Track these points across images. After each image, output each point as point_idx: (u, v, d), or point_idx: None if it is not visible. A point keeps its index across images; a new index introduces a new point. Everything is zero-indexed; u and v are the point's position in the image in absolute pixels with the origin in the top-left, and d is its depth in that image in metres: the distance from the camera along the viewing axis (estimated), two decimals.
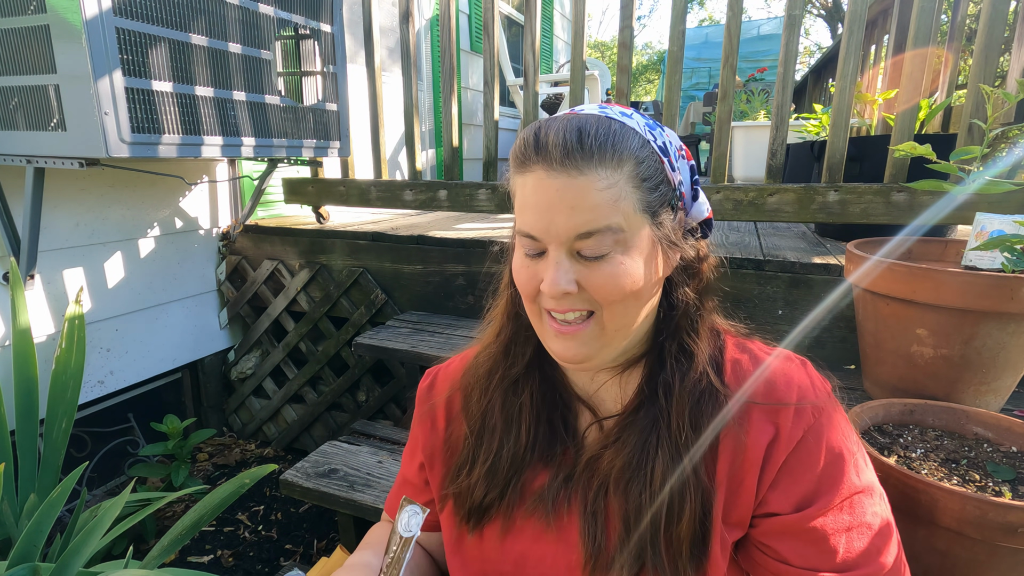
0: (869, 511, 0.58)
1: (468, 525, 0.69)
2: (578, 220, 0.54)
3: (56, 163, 1.48)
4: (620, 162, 0.54)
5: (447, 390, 0.77)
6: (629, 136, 0.55)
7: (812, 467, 0.58)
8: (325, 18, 1.98)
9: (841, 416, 0.62)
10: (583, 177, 0.53)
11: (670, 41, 1.81)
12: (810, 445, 0.58)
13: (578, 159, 0.53)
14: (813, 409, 0.60)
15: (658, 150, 0.57)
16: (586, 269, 0.56)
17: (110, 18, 1.35)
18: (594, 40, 23.41)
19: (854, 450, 0.60)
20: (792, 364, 0.64)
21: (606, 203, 0.54)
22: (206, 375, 2.39)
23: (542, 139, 0.55)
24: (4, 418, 1.45)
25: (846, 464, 0.59)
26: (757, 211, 1.76)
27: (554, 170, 0.54)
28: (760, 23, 8.53)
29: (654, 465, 0.59)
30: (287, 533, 1.90)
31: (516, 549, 0.66)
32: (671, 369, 0.61)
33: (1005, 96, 1.08)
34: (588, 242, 0.54)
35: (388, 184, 2.25)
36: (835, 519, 0.57)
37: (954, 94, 2.66)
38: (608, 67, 5.52)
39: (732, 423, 0.59)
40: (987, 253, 1.13)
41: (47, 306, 1.78)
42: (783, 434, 0.58)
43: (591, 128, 0.54)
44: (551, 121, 0.56)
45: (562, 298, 0.57)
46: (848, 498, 0.58)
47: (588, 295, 0.57)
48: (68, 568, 1.11)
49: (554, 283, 0.55)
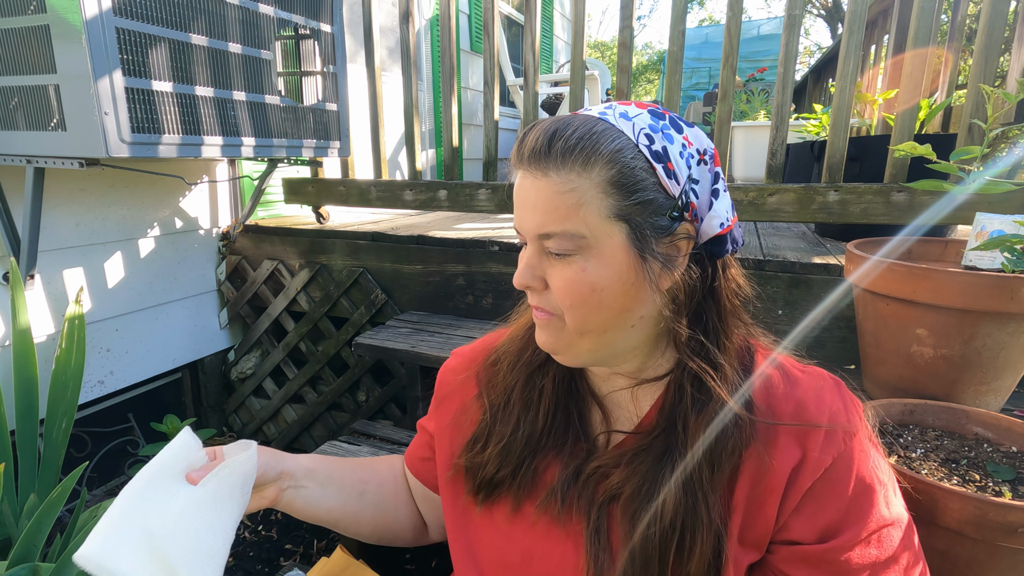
0: (898, 545, 0.56)
1: (478, 498, 0.69)
2: (538, 220, 0.56)
3: (56, 163, 1.48)
4: (587, 167, 0.53)
5: (469, 368, 0.79)
6: (608, 140, 0.53)
7: (840, 496, 0.55)
8: (325, 18, 1.98)
9: (873, 442, 0.60)
10: (546, 179, 0.55)
11: (670, 41, 1.81)
12: (840, 472, 0.56)
13: (544, 161, 0.55)
14: (844, 434, 0.57)
15: (650, 156, 0.54)
16: (552, 268, 0.58)
17: (110, 18, 1.35)
18: (594, 40, 23.41)
19: (884, 480, 0.58)
20: (825, 384, 0.61)
21: (565, 207, 0.54)
22: (206, 375, 2.39)
23: (523, 140, 0.57)
24: (4, 418, 1.45)
25: (875, 495, 0.56)
26: (757, 211, 1.76)
27: (526, 170, 0.57)
28: (760, 23, 8.52)
29: (665, 499, 0.56)
30: (287, 533, 1.90)
31: (525, 542, 0.65)
32: (689, 400, 0.59)
33: (1005, 96, 1.08)
34: (549, 243, 0.56)
35: (388, 184, 2.25)
36: (861, 553, 0.55)
37: (954, 94, 2.66)
38: (608, 67, 5.51)
39: (756, 444, 0.57)
40: (987, 253, 1.13)
41: (47, 306, 1.78)
42: (810, 459, 0.56)
43: (567, 131, 0.54)
44: (539, 122, 0.57)
45: (527, 292, 0.61)
46: (876, 531, 0.55)
47: (550, 295, 0.59)
48: (68, 568, 1.11)
49: (519, 274, 0.60)
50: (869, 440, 0.59)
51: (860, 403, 0.62)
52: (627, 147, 0.54)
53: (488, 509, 0.68)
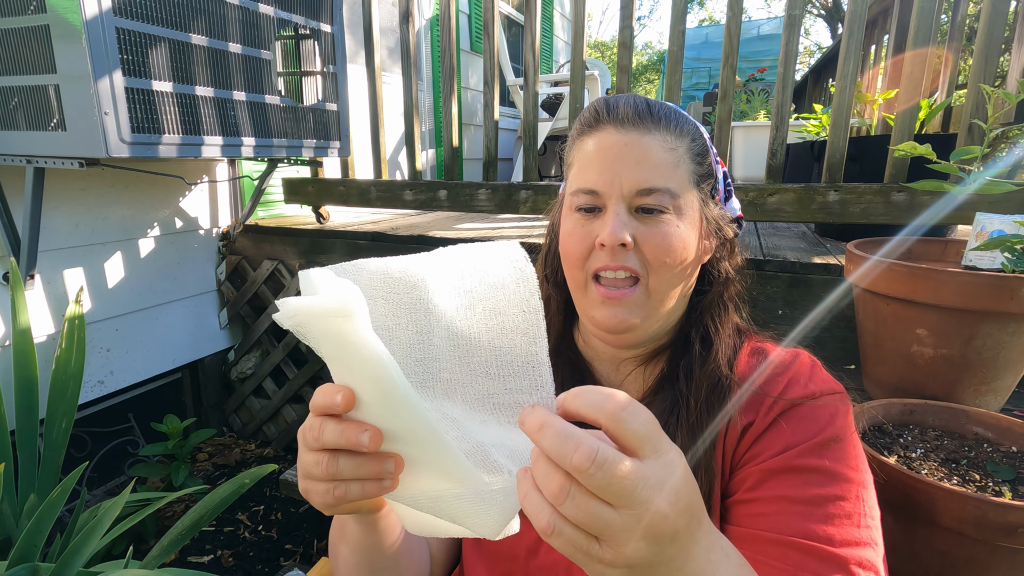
0: (852, 468, 0.55)
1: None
2: (642, 175, 0.58)
3: (56, 163, 1.48)
4: (681, 133, 0.60)
5: None
6: (687, 117, 0.63)
7: (799, 425, 0.57)
8: (325, 18, 1.98)
9: (842, 413, 0.59)
10: (649, 136, 0.59)
11: (670, 41, 1.81)
12: (801, 411, 0.58)
13: (647, 120, 0.59)
14: (806, 393, 0.59)
15: (708, 140, 0.64)
16: (643, 227, 0.59)
17: (110, 18, 1.35)
18: (594, 40, 23.40)
19: (850, 438, 0.58)
20: (797, 359, 0.63)
21: (667, 164, 0.59)
22: (206, 375, 2.39)
23: (612, 104, 0.61)
24: (4, 418, 1.45)
25: (840, 435, 0.57)
26: (757, 211, 1.76)
27: (624, 128, 0.59)
28: (760, 23, 8.52)
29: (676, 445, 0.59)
30: (287, 533, 1.90)
31: (532, 535, 0.65)
32: (694, 355, 0.63)
33: (1005, 96, 1.08)
34: (648, 199, 0.58)
35: (388, 184, 2.25)
36: (815, 461, 0.55)
37: (954, 94, 2.66)
38: (608, 67, 5.51)
39: (731, 408, 0.60)
40: (987, 253, 1.13)
41: (47, 306, 1.78)
42: (763, 412, 0.59)
43: (655, 101, 0.62)
44: (618, 95, 0.63)
45: (617, 251, 0.58)
46: (830, 443, 0.56)
47: (640, 254, 0.59)
48: (68, 568, 1.11)
49: (613, 232, 0.57)
50: (840, 407, 0.60)
51: (837, 382, 0.63)
52: (698, 128, 0.63)
53: None
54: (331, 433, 0.40)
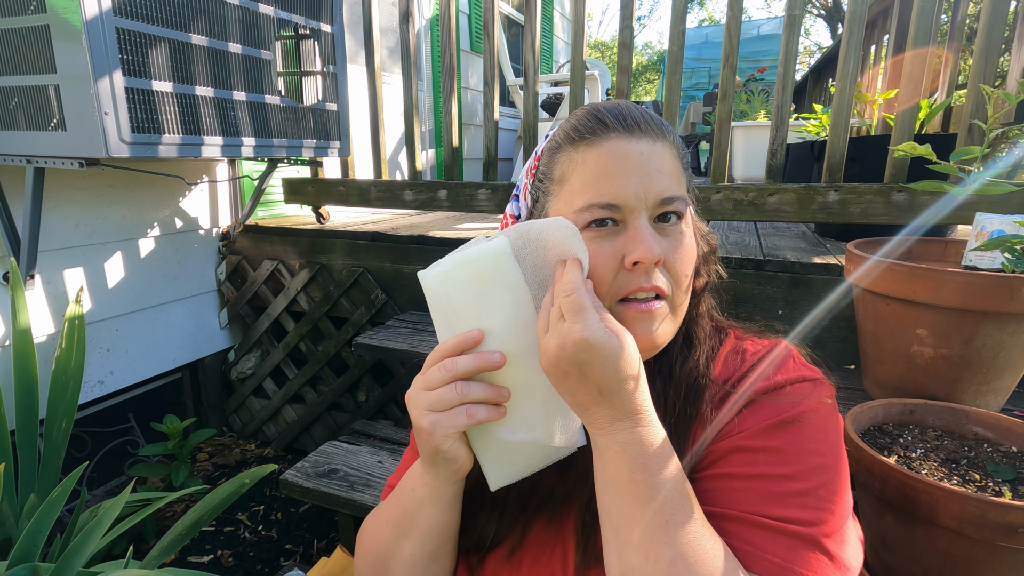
0: (809, 450, 0.54)
1: (473, 560, 0.66)
2: (663, 184, 0.55)
3: (56, 163, 1.48)
4: (674, 138, 0.59)
5: None
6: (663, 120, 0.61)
7: (760, 413, 0.56)
8: (325, 18, 1.98)
9: (814, 398, 0.57)
10: (662, 142, 0.57)
11: (670, 41, 1.82)
12: (764, 402, 0.57)
13: (654, 127, 0.57)
14: (771, 385, 0.58)
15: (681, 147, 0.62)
16: (664, 239, 0.55)
17: (110, 18, 1.35)
18: (594, 40, 23.41)
19: (815, 419, 0.56)
20: (771, 352, 0.62)
21: (678, 171, 0.57)
22: (206, 375, 2.39)
23: (612, 111, 0.57)
24: (4, 418, 1.45)
25: (799, 417, 0.55)
26: (757, 211, 1.76)
27: (635, 135, 0.55)
28: (760, 23, 8.53)
29: None
30: (287, 533, 1.90)
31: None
32: (675, 354, 0.61)
33: (1005, 96, 1.08)
34: (670, 207, 0.55)
35: (388, 184, 2.25)
36: (765, 441, 0.54)
37: (954, 94, 2.66)
38: (608, 67, 5.51)
39: (705, 408, 0.59)
40: (987, 253, 1.13)
41: (47, 306, 1.78)
42: (726, 408, 0.58)
43: (640, 107, 0.60)
44: (607, 102, 0.59)
45: (651, 270, 0.54)
46: (786, 424, 0.54)
47: (664, 270, 0.56)
48: (68, 568, 1.11)
49: (651, 249, 0.53)
50: (819, 407, 0.57)
51: (825, 384, 0.60)
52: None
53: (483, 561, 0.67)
54: (465, 361, 0.53)
